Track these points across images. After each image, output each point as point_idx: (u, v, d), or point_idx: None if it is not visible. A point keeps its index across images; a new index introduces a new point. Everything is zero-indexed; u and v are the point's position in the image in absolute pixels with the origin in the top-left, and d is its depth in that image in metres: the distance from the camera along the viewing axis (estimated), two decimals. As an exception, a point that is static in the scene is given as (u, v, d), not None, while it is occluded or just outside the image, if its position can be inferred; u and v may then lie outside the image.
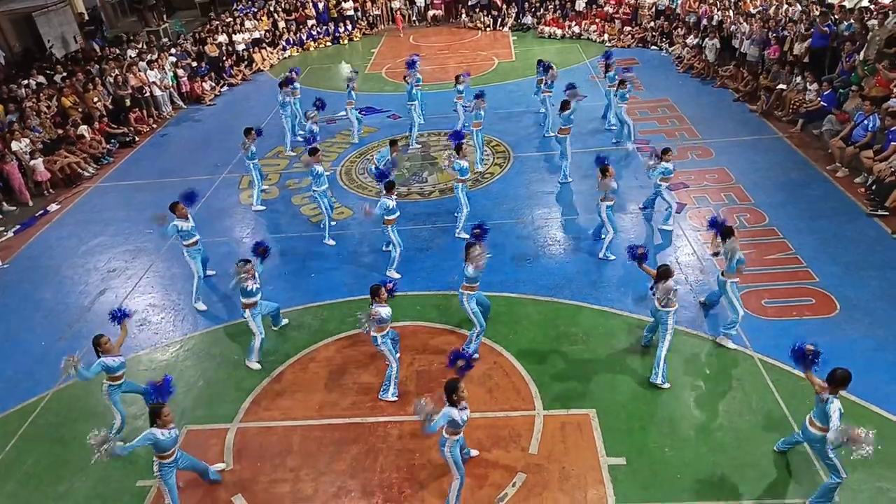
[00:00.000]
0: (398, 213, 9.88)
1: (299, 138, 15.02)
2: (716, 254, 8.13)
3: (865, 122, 11.70)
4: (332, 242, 11.25)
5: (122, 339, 7.45)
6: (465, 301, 7.89)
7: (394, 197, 9.67)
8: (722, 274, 8.00)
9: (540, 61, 15.64)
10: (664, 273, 7.32)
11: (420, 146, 14.92)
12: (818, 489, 6.05)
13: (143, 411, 7.82)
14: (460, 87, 14.53)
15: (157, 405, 6.05)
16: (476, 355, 8.10)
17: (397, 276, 9.98)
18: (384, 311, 7.36)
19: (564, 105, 12.17)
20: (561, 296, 9.35)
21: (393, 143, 11.96)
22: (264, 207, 12.72)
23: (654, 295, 7.43)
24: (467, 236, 9.74)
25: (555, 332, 8.65)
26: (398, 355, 7.87)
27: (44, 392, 8.38)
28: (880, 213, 10.46)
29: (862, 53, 13.20)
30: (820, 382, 5.84)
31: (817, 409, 5.89)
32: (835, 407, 5.64)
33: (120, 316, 7.50)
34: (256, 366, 8.46)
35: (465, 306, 7.94)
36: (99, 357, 6.96)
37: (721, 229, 7.92)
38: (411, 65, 14.89)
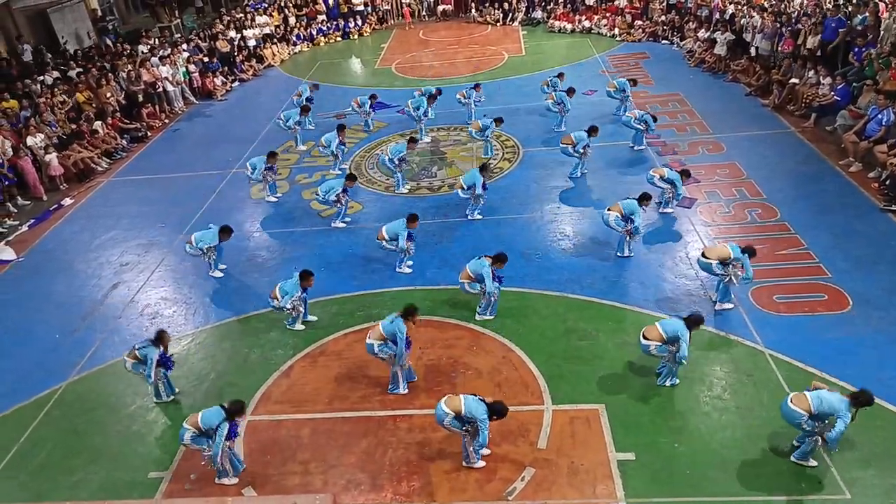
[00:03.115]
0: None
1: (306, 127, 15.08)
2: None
3: (879, 116, 11.58)
4: (341, 224, 11.57)
5: None
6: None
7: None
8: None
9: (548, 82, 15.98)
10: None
11: (430, 141, 14.94)
12: (798, 450, 6.46)
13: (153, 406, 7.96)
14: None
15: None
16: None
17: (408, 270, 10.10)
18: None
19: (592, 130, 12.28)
20: (570, 291, 9.33)
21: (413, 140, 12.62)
22: (277, 199, 12.81)
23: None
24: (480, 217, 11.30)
25: (564, 327, 8.64)
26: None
27: (58, 384, 8.47)
28: (894, 208, 10.37)
29: (877, 47, 13.07)
30: None
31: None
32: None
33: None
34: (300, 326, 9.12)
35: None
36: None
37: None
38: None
